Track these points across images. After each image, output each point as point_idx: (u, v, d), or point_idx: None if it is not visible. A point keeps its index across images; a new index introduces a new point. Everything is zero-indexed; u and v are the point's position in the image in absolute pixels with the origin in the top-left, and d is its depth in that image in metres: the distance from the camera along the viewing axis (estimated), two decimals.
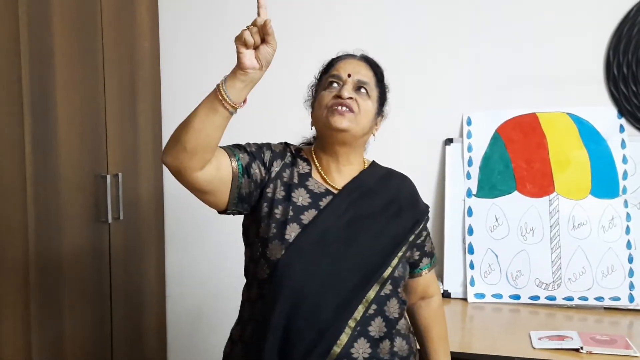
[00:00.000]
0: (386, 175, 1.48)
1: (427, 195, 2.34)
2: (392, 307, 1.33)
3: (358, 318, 1.27)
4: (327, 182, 1.40)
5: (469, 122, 2.30)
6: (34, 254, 1.83)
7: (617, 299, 2.11)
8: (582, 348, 1.67)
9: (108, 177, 2.15)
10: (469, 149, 2.29)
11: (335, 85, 1.36)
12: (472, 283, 2.23)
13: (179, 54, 2.59)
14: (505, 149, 2.25)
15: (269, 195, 1.34)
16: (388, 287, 1.33)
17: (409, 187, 1.51)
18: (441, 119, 2.34)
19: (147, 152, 2.48)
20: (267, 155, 1.37)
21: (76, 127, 2.02)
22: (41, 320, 1.86)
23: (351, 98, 1.33)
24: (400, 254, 1.36)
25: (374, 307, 1.30)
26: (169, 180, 2.62)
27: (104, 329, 2.20)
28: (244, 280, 1.42)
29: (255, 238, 1.34)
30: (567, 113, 2.22)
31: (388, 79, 1.48)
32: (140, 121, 2.42)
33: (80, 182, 2.05)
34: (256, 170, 1.33)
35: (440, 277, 2.30)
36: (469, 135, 2.30)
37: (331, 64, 1.42)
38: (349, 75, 1.36)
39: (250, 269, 1.38)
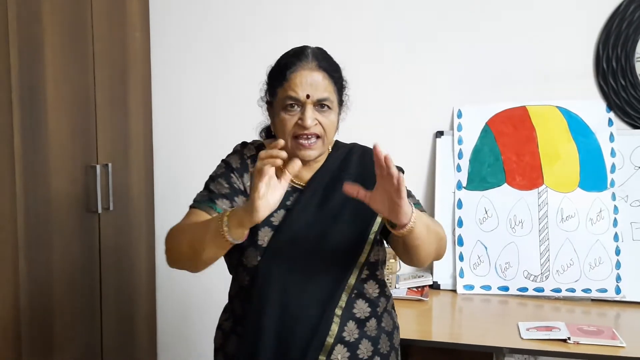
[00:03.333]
0: (348, 154, 1.43)
1: (417, 187, 2.35)
2: (371, 288, 1.36)
3: (343, 305, 1.30)
4: (291, 180, 1.37)
5: (459, 115, 2.31)
6: (24, 244, 1.82)
7: (604, 290, 2.14)
8: (569, 338, 1.69)
9: (98, 167, 2.14)
10: (460, 141, 2.30)
11: (294, 107, 1.29)
12: (462, 275, 2.24)
13: (169, 43, 2.57)
14: (495, 142, 2.26)
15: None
16: (365, 272, 1.35)
17: (371, 158, 1.45)
18: (432, 111, 2.34)
19: (138, 143, 2.46)
20: (236, 179, 1.36)
21: (66, 117, 2.00)
22: (30, 312, 1.85)
23: (316, 123, 1.28)
24: (374, 230, 1.35)
25: (355, 291, 1.33)
26: (160, 170, 2.61)
27: (94, 319, 2.19)
28: None
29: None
30: (557, 106, 2.24)
31: (347, 73, 1.42)
32: (130, 111, 2.40)
33: (70, 172, 2.04)
34: (239, 202, 1.34)
35: (430, 268, 2.31)
36: (460, 128, 2.30)
37: (284, 75, 1.30)
38: (308, 96, 1.27)
39: (232, 272, 1.40)
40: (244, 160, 1.40)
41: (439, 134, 2.33)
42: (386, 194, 1.12)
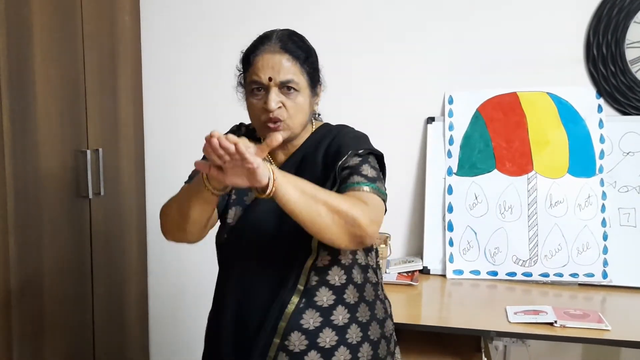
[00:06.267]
0: (324, 135, 1.37)
1: (408, 173, 2.37)
2: (337, 275, 1.30)
3: (302, 289, 1.27)
4: (271, 162, 1.38)
5: (450, 101, 2.32)
6: (14, 229, 1.81)
7: (591, 275, 2.16)
8: (555, 322, 1.71)
9: (88, 152, 2.13)
10: (450, 127, 2.31)
11: (260, 90, 1.27)
12: (451, 260, 2.26)
13: (159, 27, 2.55)
14: (486, 128, 2.27)
15: None
16: (326, 257, 1.29)
17: (340, 136, 1.37)
18: (423, 97, 2.35)
19: (128, 127, 2.45)
20: None
21: (55, 102, 1.99)
22: (21, 297, 1.86)
23: (280, 106, 1.26)
24: None
25: (315, 277, 1.28)
26: (150, 155, 2.61)
27: (85, 303, 2.20)
28: None
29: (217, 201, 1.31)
30: (547, 93, 2.25)
31: (320, 56, 1.38)
32: (120, 96, 2.39)
33: (60, 157, 2.03)
34: None
35: (420, 253, 2.33)
36: (450, 114, 2.31)
37: (249, 60, 1.29)
38: (270, 79, 1.25)
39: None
40: (239, 136, 1.39)
41: (430, 120, 2.34)
42: (237, 167, 1.06)
